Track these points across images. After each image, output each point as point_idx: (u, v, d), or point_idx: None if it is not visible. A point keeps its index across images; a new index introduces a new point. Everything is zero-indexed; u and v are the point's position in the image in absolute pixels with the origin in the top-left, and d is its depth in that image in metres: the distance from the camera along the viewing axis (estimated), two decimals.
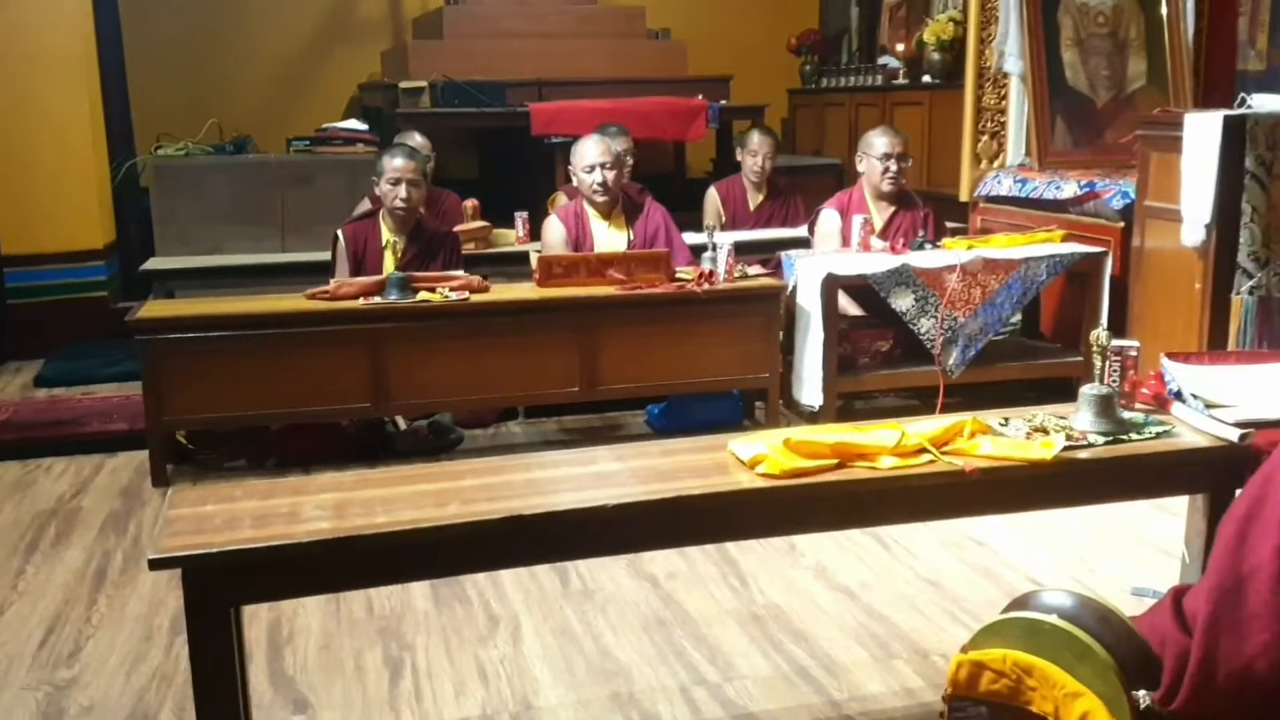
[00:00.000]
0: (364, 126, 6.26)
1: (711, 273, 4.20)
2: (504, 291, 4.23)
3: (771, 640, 2.72)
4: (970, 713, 1.88)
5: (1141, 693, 1.70)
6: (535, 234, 5.19)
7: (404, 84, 6.52)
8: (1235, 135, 3.84)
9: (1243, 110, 4.00)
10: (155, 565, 1.77)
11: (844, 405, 4.50)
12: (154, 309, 4.10)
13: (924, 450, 2.15)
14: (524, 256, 5.06)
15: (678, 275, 4.25)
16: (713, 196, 5.64)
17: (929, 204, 4.99)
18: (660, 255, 4.28)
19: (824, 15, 9.25)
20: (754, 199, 5.64)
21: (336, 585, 2.16)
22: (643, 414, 4.57)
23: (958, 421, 2.24)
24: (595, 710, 2.45)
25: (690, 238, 4.83)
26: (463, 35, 7.16)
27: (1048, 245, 4.49)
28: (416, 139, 5.23)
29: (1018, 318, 4.77)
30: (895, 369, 4.44)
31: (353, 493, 2.04)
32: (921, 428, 2.21)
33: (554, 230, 4.62)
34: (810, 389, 4.27)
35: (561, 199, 5.32)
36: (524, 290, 4.24)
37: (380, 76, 7.82)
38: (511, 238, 5.40)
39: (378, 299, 4.00)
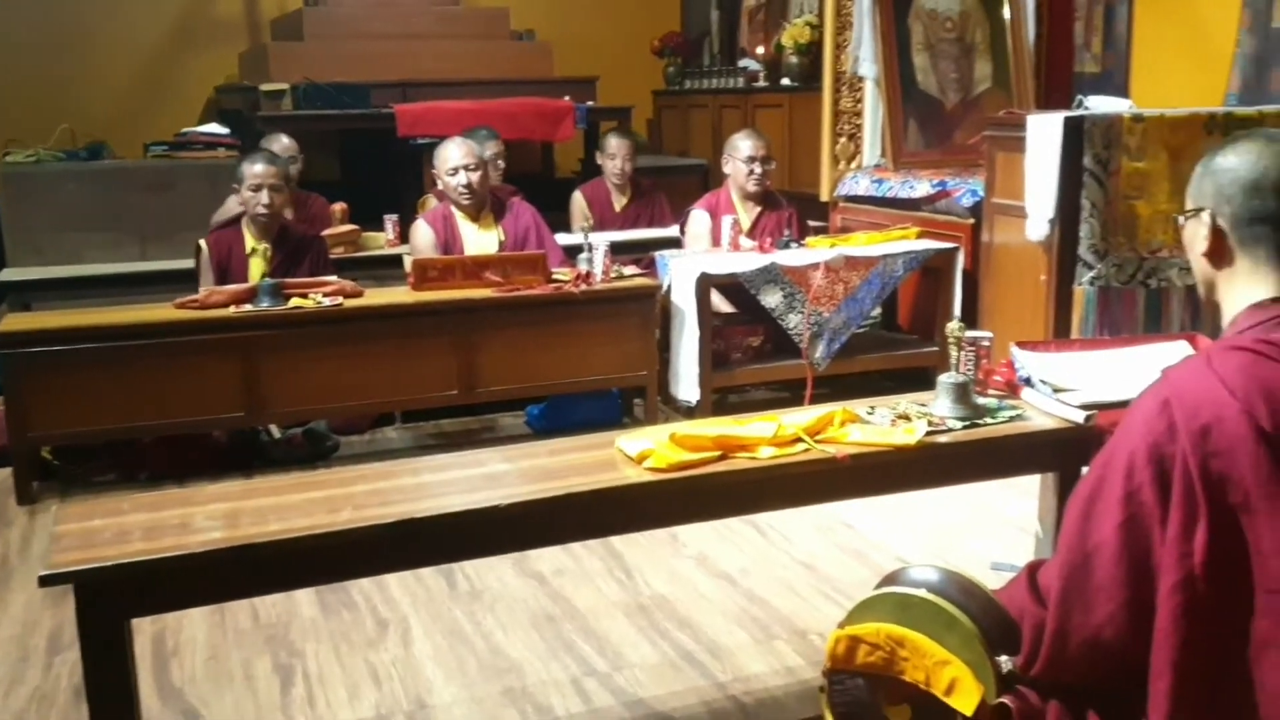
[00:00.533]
0: (224, 130, 6.13)
1: (588, 273, 4.27)
2: (378, 296, 4.23)
3: (658, 629, 2.82)
4: (848, 685, 2.00)
5: (1003, 658, 1.84)
6: (406, 237, 5.18)
7: (265, 86, 6.42)
8: (1074, 135, 4.09)
9: (1080, 111, 4.26)
10: (46, 581, 1.75)
11: (719, 400, 4.64)
12: (13, 322, 3.97)
13: (799, 440, 2.27)
14: (396, 260, 5.05)
15: (554, 276, 4.31)
16: (578, 200, 5.70)
17: (792, 204, 5.17)
18: (537, 257, 4.33)
19: (685, 18, 9.42)
20: (619, 201, 5.73)
21: (231, 594, 2.16)
22: (522, 415, 4.62)
23: (829, 411, 2.36)
24: (489, 706, 2.51)
25: (560, 239, 4.90)
26: (323, 36, 7.08)
27: (904, 242, 4.70)
28: (283, 141, 5.17)
29: (878, 311, 4.98)
30: (766, 363, 4.59)
31: (242, 502, 2.04)
32: (796, 418, 2.33)
33: (422, 235, 4.62)
34: (687, 385, 4.39)
35: (433, 202, 5.32)
36: (399, 294, 4.24)
37: (238, 79, 7.67)
38: (382, 241, 5.38)
39: (249, 307, 3.95)
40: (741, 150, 4.86)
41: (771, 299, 4.36)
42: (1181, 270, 4.28)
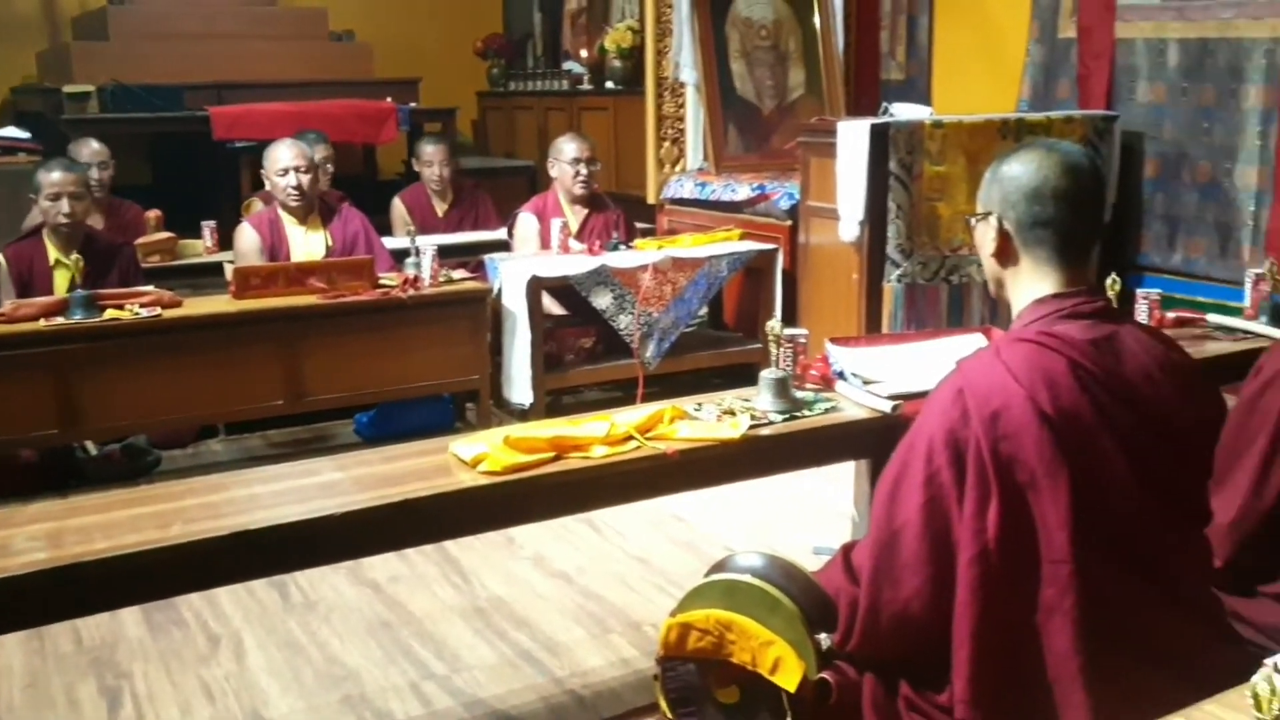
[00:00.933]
0: (24, 134, 5.84)
1: (416, 278, 4.26)
2: (198, 305, 4.12)
3: (495, 630, 2.86)
4: (680, 671, 2.09)
5: (823, 636, 1.96)
6: (225, 243, 5.06)
7: (68, 88, 6.14)
8: (880, 141, 4.32)
9: (885, 118, 4.50)
10: None
11: (552, 402, 4.69)
12: None
13: (631, 437, 2.35)
14: (215, 268, 4.92)
15: (381, 282, 4.29)
16: (398, 207, 5.61)
17: (620, 205, 5.27)
18: (363, 262, 4.30)
19: (507, 19, 9.44)
20: (440, 206, 5.68)
21: (58, 615, 2.09)
22: (351, 423, 4.57)
23: (659, 409, 2.45)
24: (327, 714, 2.50)
25: (386, 243, 4.86)
26: (130, 36, 6.80)
27: (727, 243, 4.86)
28: (92, 146, 4.97)
29: (705, 311, 5.13)
30: (598, 364, 4.68)
31: (66, 521, 1.99)
32: (628, 417, 2.41)
33: (247, 238, 4.52)
34: (520, 388, 4.43)
35: (258, 205, 5.20)
36: (219, 303, 4.14)
37: (37, 79, 7.29)
38: (199, 248, 5.22)
39: (61, 319, 3.79)
40: (566, 153, 4.93)
41: (602, 300, 4.44)
42: (979, 267, 4.57)
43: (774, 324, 2.60)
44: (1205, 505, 1.90)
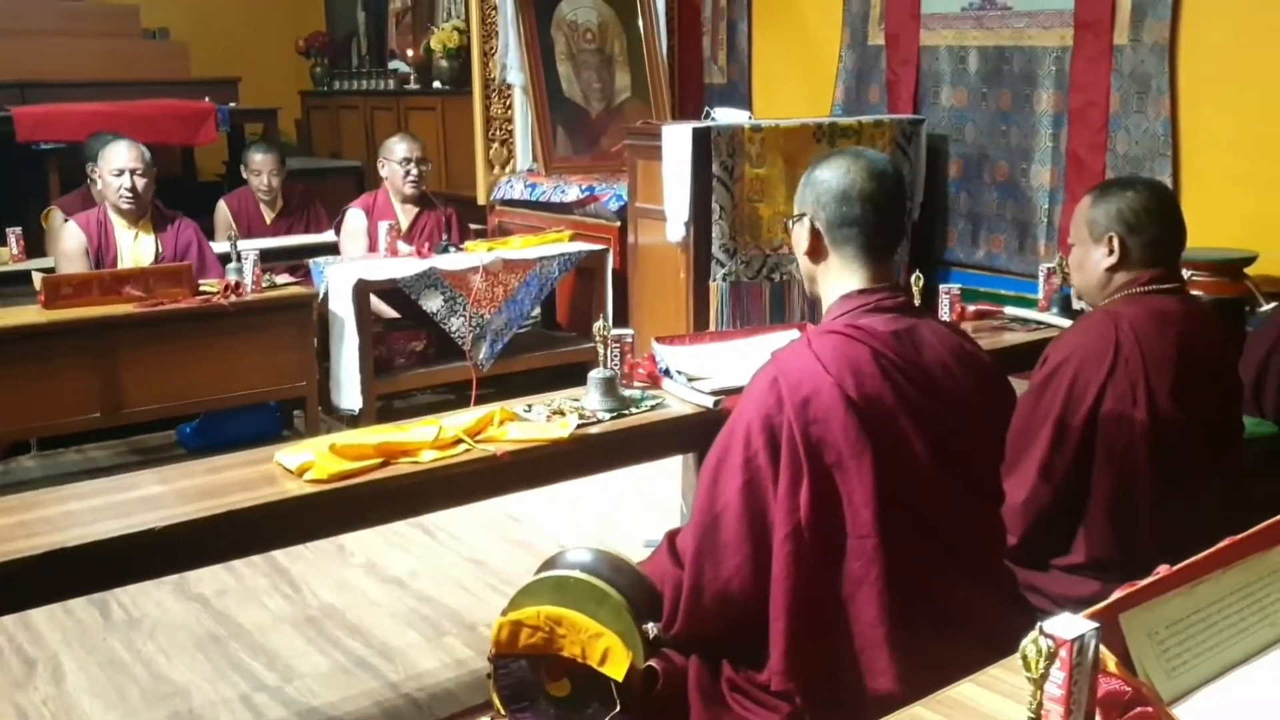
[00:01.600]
0: None
1: (238, 284, 4.16)
2: (4, 316, 3.92)
3: (328, 638, 2.84)
4: (512, 667, 2.13)
5: (650, 625, 2.04)
6: (32, 250, 4.83)
7: None
8: (702, 144, 4.45)
9: (707, 122, 4.64)
10: None
11: (384, 406, 4.66)
12: None
13: (460, 441, 2.38)
14: (22, 276, 4.66)
15: (202, 289, 4.17)
16: (223, 211, 5.42)
17: (450, 206, 5.25)
18: (181, 269, 4.17)
19: (331, 18, 9.26)
20: (268, 213, 5.53)
21: None
22: (175, 434, 4.43)
23: (489, 412, 2.48)
24: None
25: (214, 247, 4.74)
26: None
27: (558, 244, 4.91)
28: None
29: (537, 311, 5.17)
30: (431, 367, 4.66)
31: None
32: (457, 421, 2.43)
33: (72, 237, 4.34)
34: (349, 394, 4.38)
35: (57, 215, 4.96)
36: (28, 313, 3.95)
37: None
38: (5, 256, 4.96)
39: None
40: (396, 152, 4.89)
41: (433, 303, 4.43)
42: (799, 265, 4.76)
43: (601, 325, 2.66)
44: (998, 485, 2.05)
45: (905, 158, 4.90)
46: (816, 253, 1.94)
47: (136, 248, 4.42)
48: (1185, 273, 3.83)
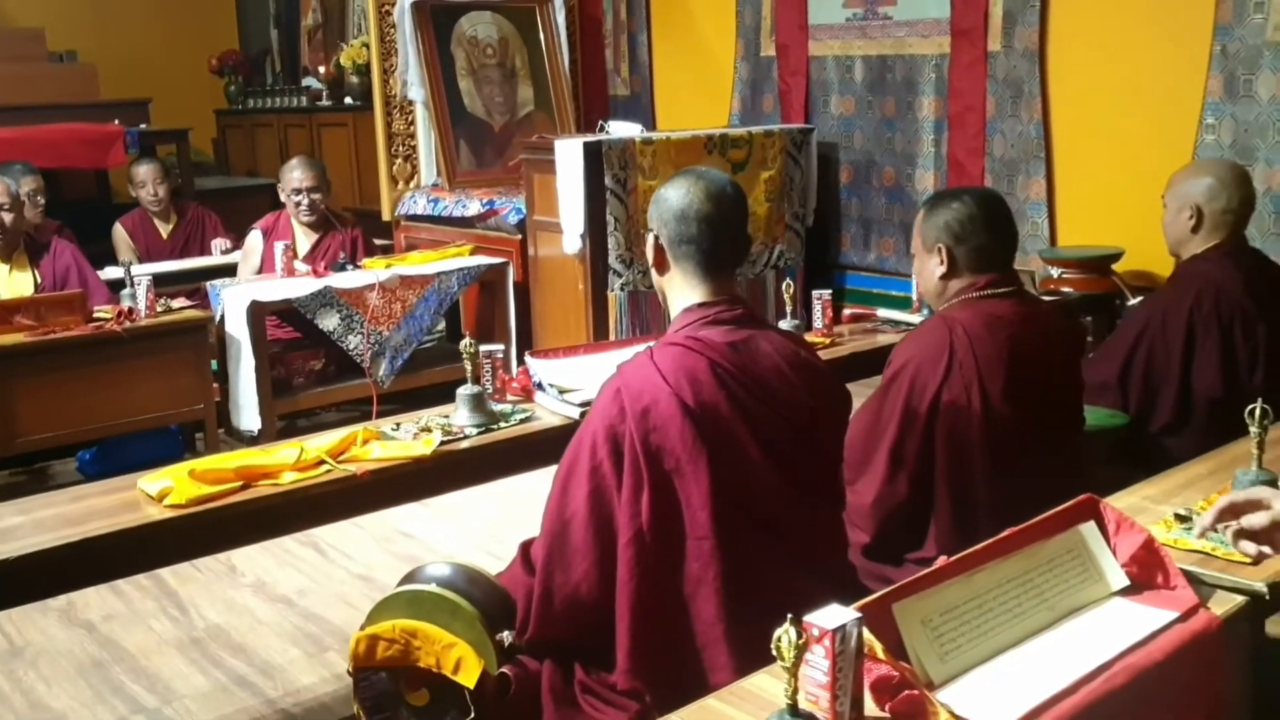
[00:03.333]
0: None
1: (131, 310, 4.17)
2: None
3: (211, 658, 2.88)
4: (373, 679, 2.19)
5: (504, 634, 2.11)
6: None
7: None
8: (594, 158, 4.54)
9: (600, 136, 4.72)
10: None
11: (287, 426, 4.68)
12: None
13: (322, 462, 2.43)
14: None
15: (95, 315, 4.17)
16: (120, 233, 5.45)
17: (361, 221, 5.28)
18: (73, 296, 4.17)
19: (243, 36, 9.24)
20: (164, 228, 5.54)
21: None
22: (74, 461, 4.43)
23: (351, 432, 2.54)
24: None
25: (110, 273, 4.73)
26: None
27: (458, 259, 4.96)
28: None
29: (441, 326, 5.22)
30: (330, 385, 4.70)
31: None
32: (320, 442, 2.49)
33: None
34: (248, 415, 4.40)
35: None
36: None
37: None
38: None
39: None
40: (289, 182, 4.91)
41: (329, 322, 4.46)
42: None
43: (467, 342, 2.73)
44: (836, 486, 2.15)
45: (797, 166, 5.02)
46: (661, 267, 2.04)
47: (11, 283, 4.39)
48: (1053, 270, 4.00)
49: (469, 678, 2.05)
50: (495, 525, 3.66)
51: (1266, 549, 1.65)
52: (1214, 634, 1.65)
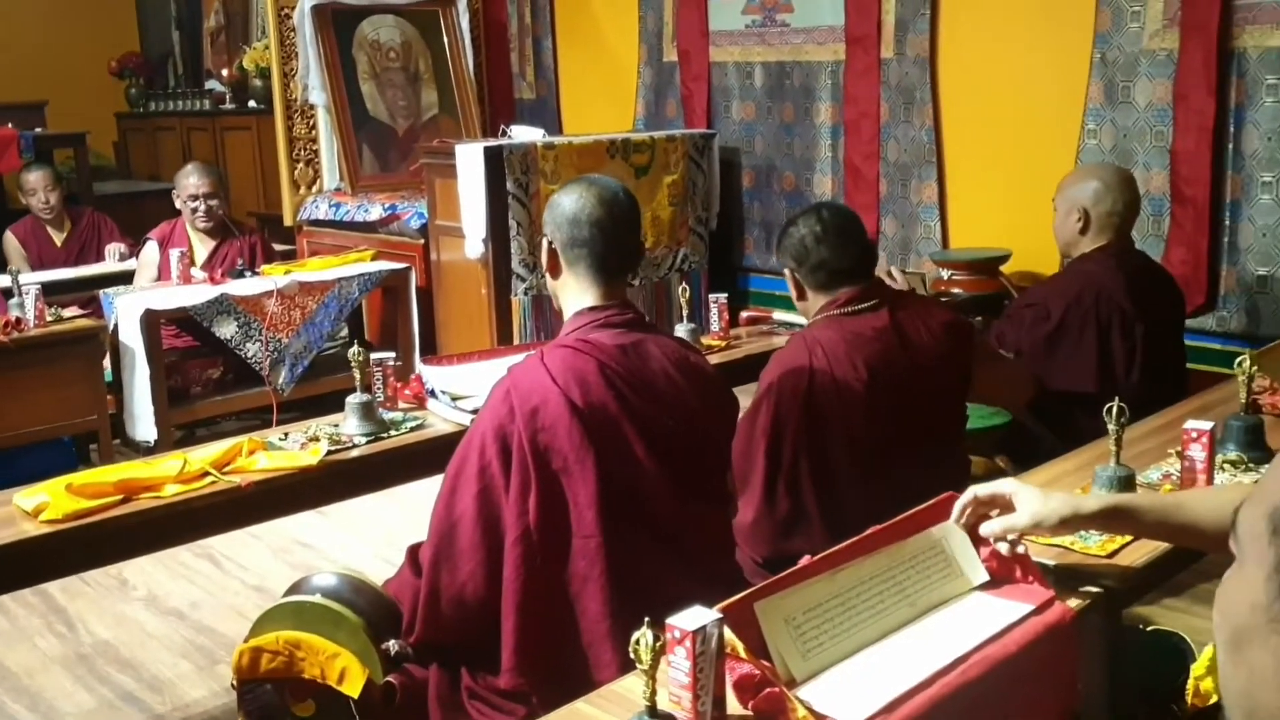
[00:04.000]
0: None
1: (19, 320, 4.07)
2: None
3: (98, 675, 2.83)
4: (258, 692, 2.18)
5: (391, 642, 2.11)
6: None
7: None
8: (495, 163, 4.53)
9: (501, 141, 4.73)
10: None
11: (186, 435, 4.60)
12: None
13: (206, 473, 2.41)
14: None
15: None
16: (10, 241, 5.32)
17: (261, 229, 5.21)
18: None
19: (144, 38, 9.05)
20: (58, 235, 5.42)
21: None
22: None
23: (237, 443, 2.52)
24: None
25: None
26: None
27: (359, 264, 4.92)
28: None
29: (345, 331, 5.17)
30: (229, 394, 4.64)
31: None
32: (204, 453, 2.46)
33: None
34: (144, 425, 4.32)
35: None
36: None
37: None
38: None
39: None
40: (184, 188, 4.82)
41: (226, 330, 4.40)
42: None
43: (356, 350, 2.72)
44: (722, 486, 2.20)
45: (700, 170, 5.08)
46: (553, 271, 2.08)
47: None
48: (944, 273, 4.10)
49: (354, 687, 2.05)
50: (395, 533, 3.64)
51: (1020, 548, 1.70)
52: (1067, 625, 1.71)
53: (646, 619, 1.34)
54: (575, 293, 2.05)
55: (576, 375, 1.91)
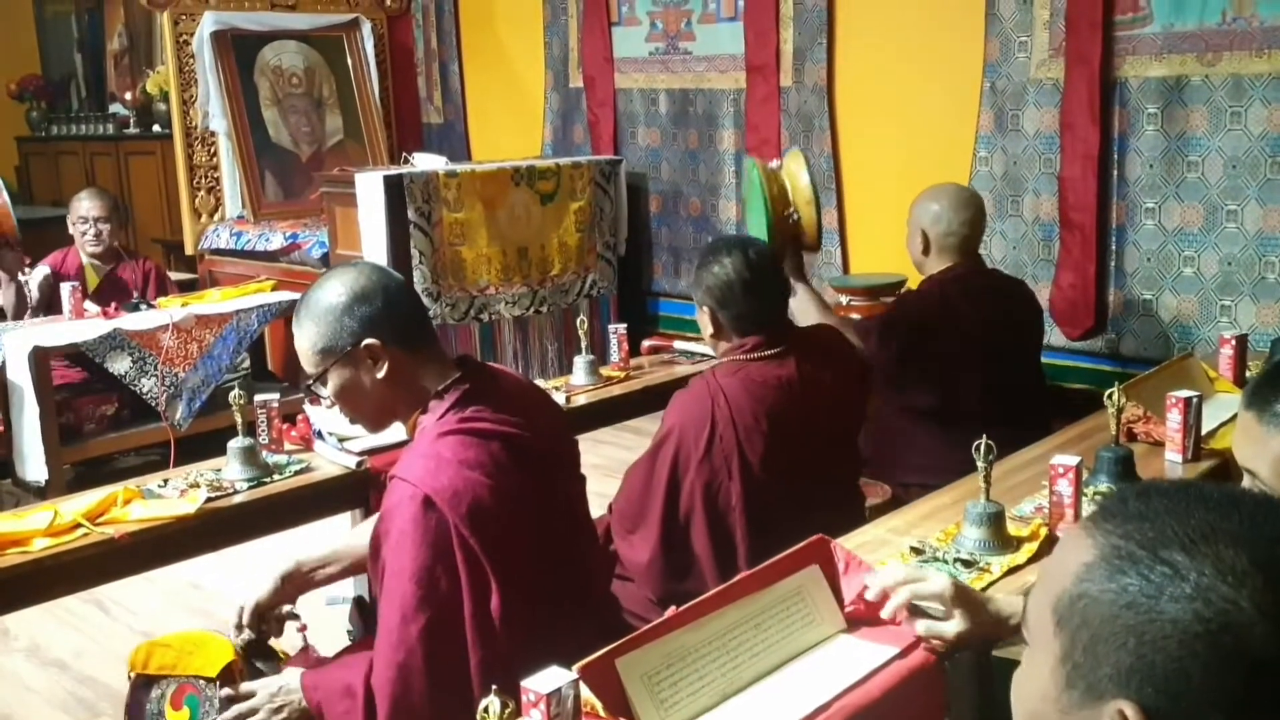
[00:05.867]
0: None
1: None
2: None
3: None
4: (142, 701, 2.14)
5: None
6: None
7: None
8: (395, 192, 4.50)
9: (402, 169, 4.69)
10: None
11: (84, 473, 4.48)
12: None
13: (79, 525, 2.35)
14: None
15: None
16: None
17: (167, 255, 5.10)
18: None
19: (45, 60, 8.84)
20: None
21: None
22: None
23: (111, 493, 2.45)
24: None
25: None
26: None
27: (259, 295, 4.83)
28: None
29: (246, 362, 5.07)
30: (124, 430, 4.52)
31: None
32: (77, 505, 2.39)
33: None
34: (34, 464, 4.19)
35: None
36: None
37: None
38: None
39: None
40: (76, 210, 4.72)
41: (120, 365, 4.30)
42: (508, 304, 4.87)
43: (237, 393, 2.66)
44: (591, 526, 2.18)
45: (606, 196, 5.09)
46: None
47: None
48: (843, 299, 4.14)
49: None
50: None
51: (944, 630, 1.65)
52: (931, 667, 1.73)
53: (493, 686, 1.33)
54: (421, 380, 1.86)
55: (491, 457, 1.78)
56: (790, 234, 2.87)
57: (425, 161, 4.86)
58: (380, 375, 1.81)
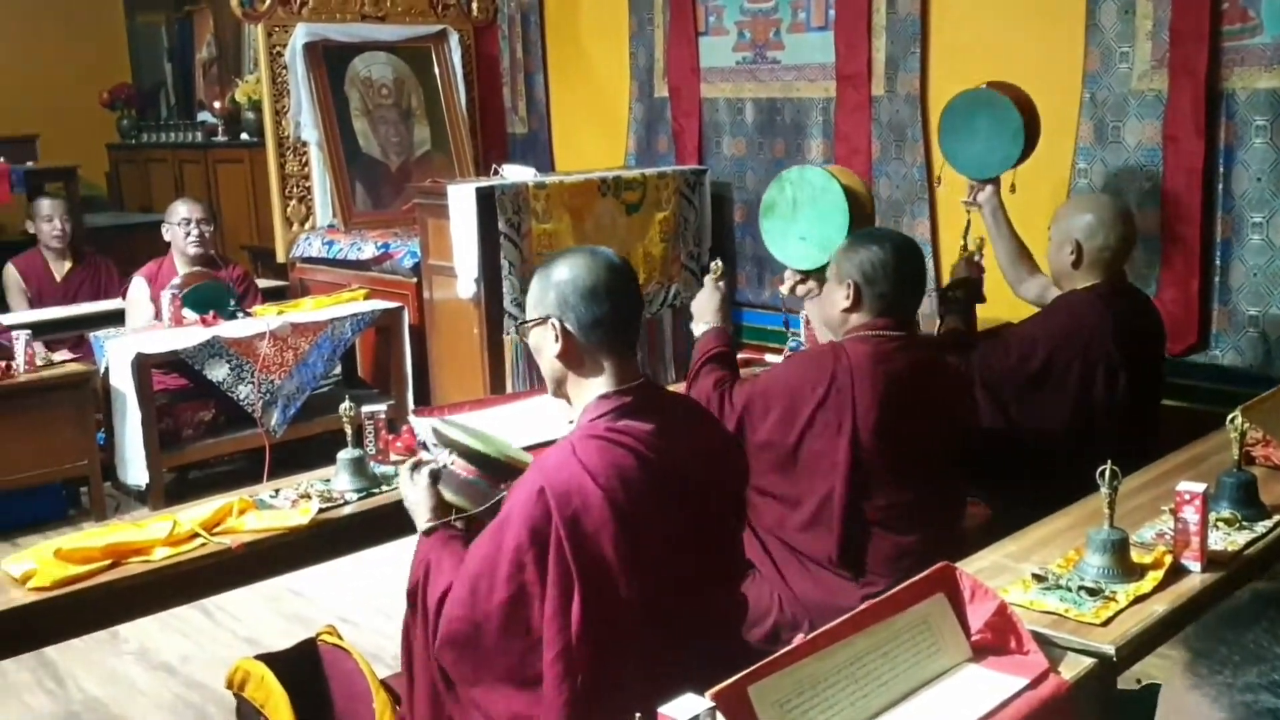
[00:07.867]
0: None
1: (8, 365, 4.06)
2: None
3: None
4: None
5: None
6: None
7: None
8: (487, 203, 4.53)
9: (493, 181, 4.72)
10: None
11: (178, 478, 4.59)
12: None
13: (196, 535, 2.40)
14: None
15: None
16: (12, 274, 5.32)
17: (254, 262, 5.20)
18: None
19: (136, 70, 9.05)
20: (59, 268, 5.42)
21: None
22: None
23: (227, 503, 2.50)
24: None
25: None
26: None
27: (351, 304, 4.91)
28: None
29: (338, 370, 5.16)
30: (221, 437, 4.62)
31: None
32: (194, 514, 2.45)
33: None
34: (135, 469, 4.31)
35: None
36: None
37: None
38: None
39: None
40: (176, 213, 4.84)
41: (218, 372, 4.39)
42: None
43: (347, 406, 2.70)
44: (728, 565, 2.13)
45: (691, 206, 5.09)
46: (569, 355, 1.90)
47: None
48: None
49: None
50: (390, 582, 3.61)
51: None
52: (1063, 698, 1.71)
53: (638, 714, 1.33)
54: (595, 376, 1.90)
55: (616, 470, 1.79)
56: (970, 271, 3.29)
57: (514, 173, 4.89)
58: (555, 353, 1.90)
